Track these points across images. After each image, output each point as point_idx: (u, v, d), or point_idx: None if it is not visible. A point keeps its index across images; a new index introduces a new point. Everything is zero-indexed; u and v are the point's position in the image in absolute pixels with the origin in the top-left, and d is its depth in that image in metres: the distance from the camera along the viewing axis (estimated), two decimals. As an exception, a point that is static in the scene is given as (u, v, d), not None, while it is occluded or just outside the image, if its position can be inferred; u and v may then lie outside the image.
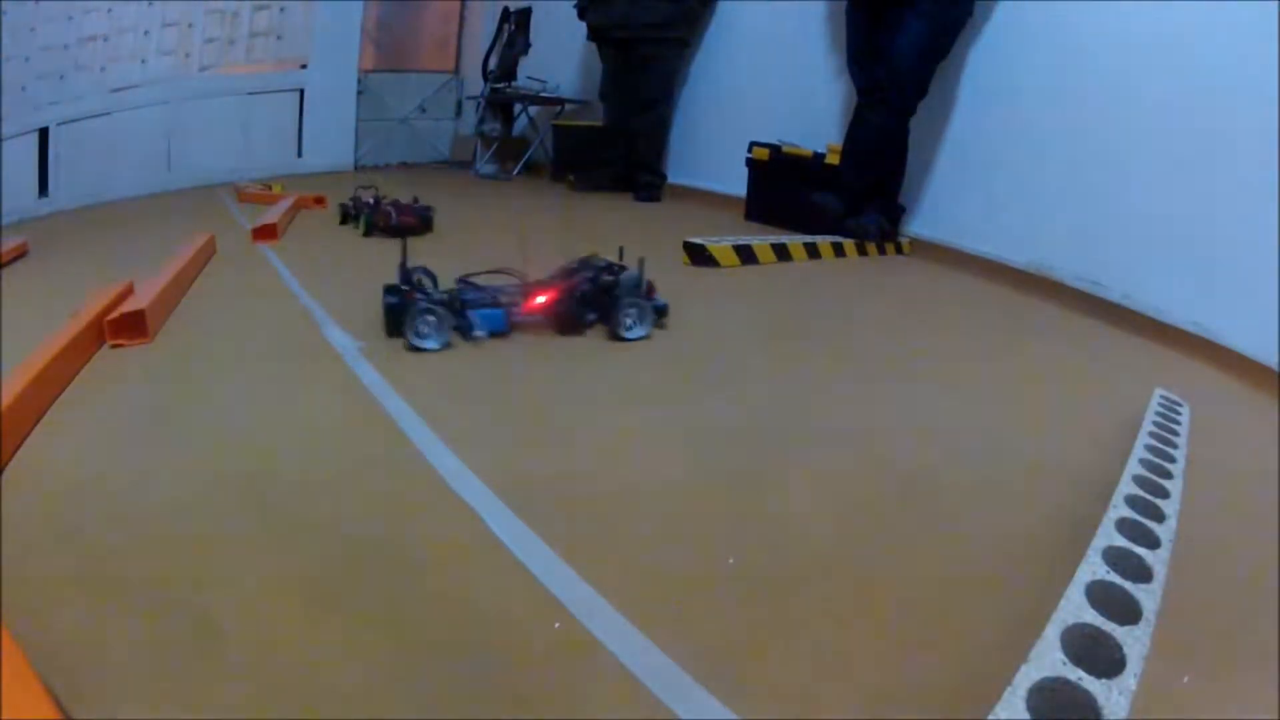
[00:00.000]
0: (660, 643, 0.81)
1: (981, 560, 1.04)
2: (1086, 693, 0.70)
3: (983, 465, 1.34)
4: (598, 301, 1.86)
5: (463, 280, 1.91)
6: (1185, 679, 0.81)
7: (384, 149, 5.45)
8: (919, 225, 3.23)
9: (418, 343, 1.68)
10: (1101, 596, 0.84)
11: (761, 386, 1.62)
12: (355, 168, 5.25)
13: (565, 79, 5.10)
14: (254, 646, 0.78)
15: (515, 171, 5.14)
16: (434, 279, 1.98)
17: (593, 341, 1.84)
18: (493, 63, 5.01)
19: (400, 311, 1.71)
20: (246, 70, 4.67)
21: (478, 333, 1.75)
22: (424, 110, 5.63)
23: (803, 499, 1.17)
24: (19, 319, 1.78)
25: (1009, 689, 0.70)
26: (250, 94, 4.68)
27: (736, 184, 3.80)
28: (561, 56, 5.09)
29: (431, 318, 1.70)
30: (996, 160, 2.89)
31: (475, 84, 5.33)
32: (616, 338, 1.83)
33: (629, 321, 1.83)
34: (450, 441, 1.25)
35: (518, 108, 5.20)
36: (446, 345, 1.70)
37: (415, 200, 3.15)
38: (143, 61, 4.24)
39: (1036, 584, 0.94)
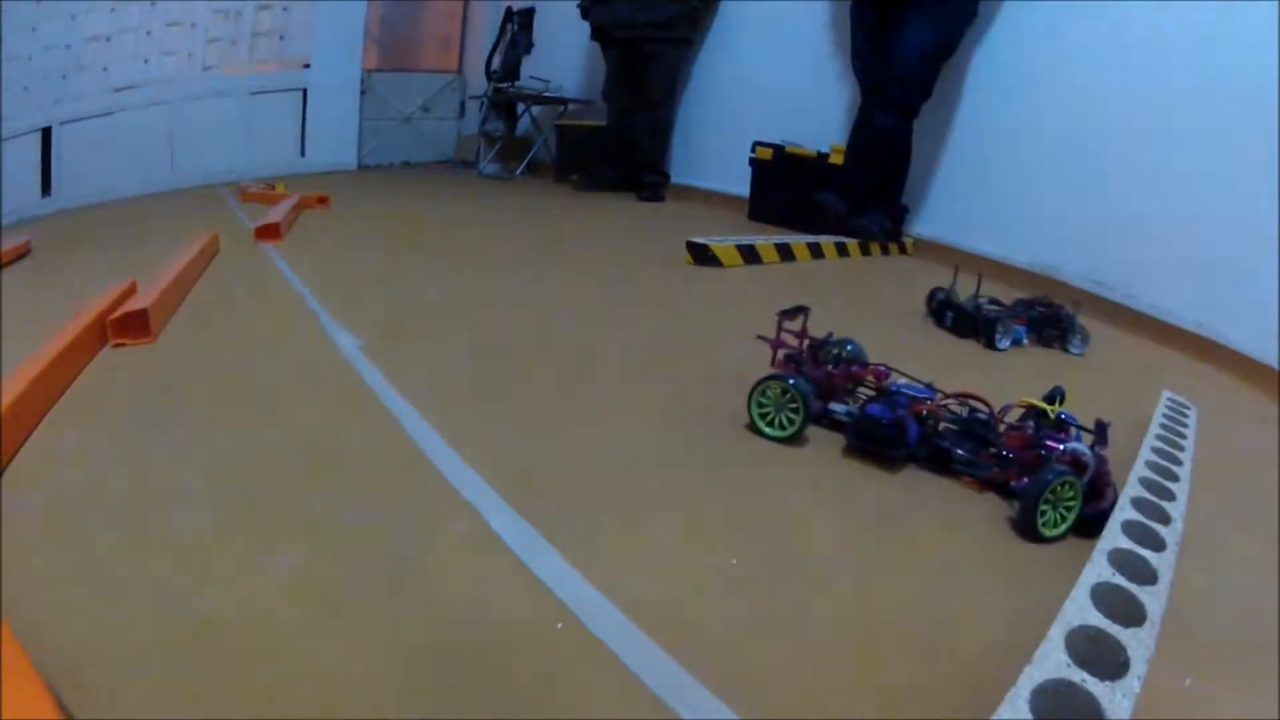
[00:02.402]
0: (662, 642, 0.81)
1: (985, 560, 1.04)
2: (1090, 695, 0.69)
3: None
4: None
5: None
6: (1189, 682, 0.81)
7: (387, 149, 5.45)
8: (922, 225, 3.22)
9: None
10: (1107, 598, 0.84)
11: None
12: (358, 167, 5.25)
13: (568, 79, 5.10)
14: (254, 645, 0.78)
15: (518, 171, 5.14)
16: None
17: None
18: (496, 62, 5.01)
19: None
20: (249, 70, 4.68)
21: None
22: (427, 110, 5.63)
23: (801, 502, 1.17)
24: (21, 319, 1.78)
25: (1012, 690, 0.69)
26: (253, 94, 4.68)
27: (740, 184, 3.80)
28: (564, 56, 5.08)
29: None
30: (1000, 160, 2.89)
31: (478, 84, 5.32)
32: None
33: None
34: (451, 439, 1.25)
35: (521, 107, 5.19)
36: None
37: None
38: (145, 61, 4.24)
39: (1042, 585, 0.94)
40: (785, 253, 2.87)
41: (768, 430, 1.36)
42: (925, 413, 1.31)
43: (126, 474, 1.13)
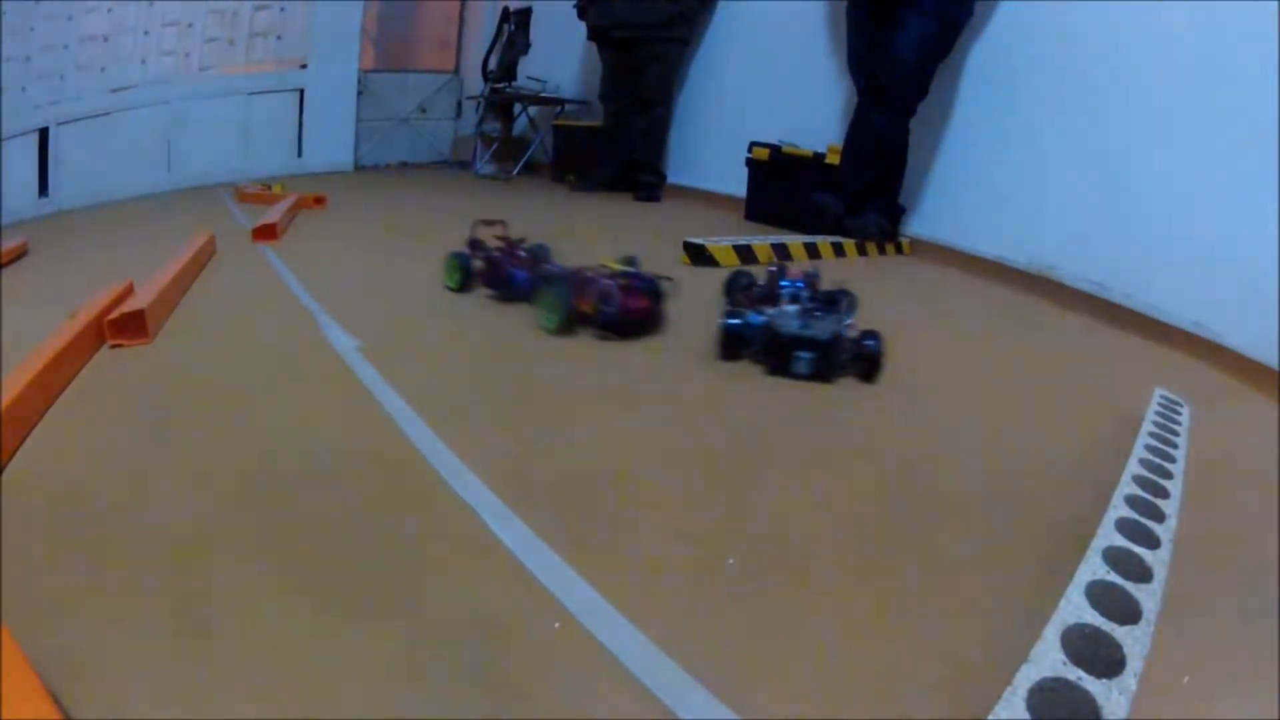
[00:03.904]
0: (660, 641, 0.81)
1: (981, 559, 1.04)
2: (1086, 693, 0.70)
3: (982, 464, 1.34)
4: None
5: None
6: (1185, 679, 0.81)
7: (384, 149, 5.45)
8: (919, 225, 3.23)
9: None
10: (1102, 596, 0.84)
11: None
12: (355, 167, 5.25)
13: (565, 79, 5.10)
14: (254, 646, 0.78)
15: (515, 171, 5.14)
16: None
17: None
18: (493, 63, 5.01)
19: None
20: (247, 70, 4.68)
21: None
22: (424, 110, 5.64)
23: (796, 494, 1.17)
24: (19, 319, 1.78)
25: (1009, 689, 0.70)
26: (250, 94, 4.68)
27: (736, 184, 3.80)
28: (561, 56, 5.09)
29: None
30: (997, 160, 2.89)
31: (475, 84, 5.33)
32: None
33: None
34: (448, 439, 1.25)
35: (518, 108, 5.20)
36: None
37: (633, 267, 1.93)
38: (143, 61, 4.24)
39: (1036, 584, 0.94)
40: (782, 253, 2.87)
41: (447, 282, 2.16)
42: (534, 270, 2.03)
43: (124, 474, 1.13)
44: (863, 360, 1.58)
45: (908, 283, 2.75)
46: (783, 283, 1.81)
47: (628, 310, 1.78)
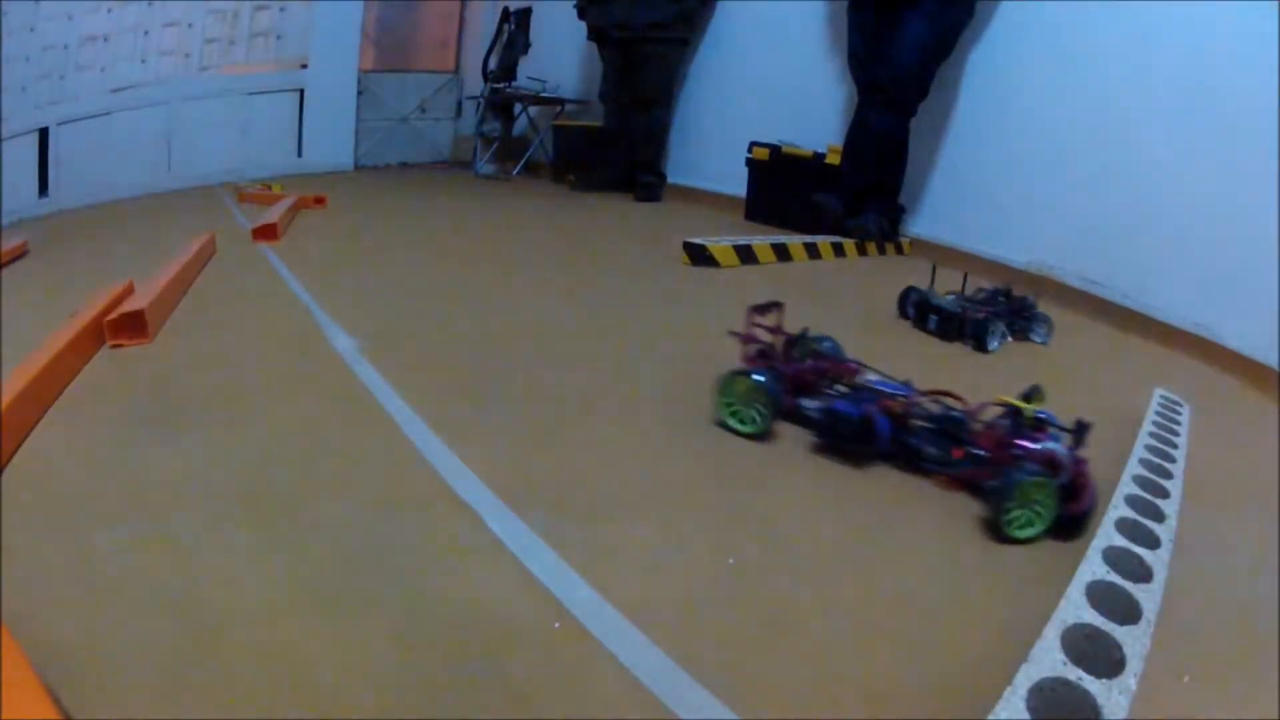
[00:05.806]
0: (659, 641, 0.81)
1: (981, 559, 1.04)
2: (1086, 693, 0.70)
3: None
4: None
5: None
6: (1185, 679, 0.81)
7: (384, 149, 5.44)
8: (919, 225, 3.23)
9: None
10: (1102, 596, 0.84)
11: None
12: (355, 167, 5.25)
13: (565, 79, 5.10)
14: (254, 647, 0.78)
15: (515, 172, 5.13)
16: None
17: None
18: (493, 63, 5.01)
19: None
20: (247, 70, 4.67)
21: None
22: (424, 110, 5.63)
23: (789, 496, 1.17)
24: (19, 319, 1.78)
25: (1009, 689, 0.70)
26: (250, 94, 4.68)
27: (737, 184, 3.80)
28: (561, 56, 5.08)
29: None
30: (997, 160, 2.89)
31: (475, 84, 5.33)
32: None
33: None
34: (449, 440, 1.25)
35: (518, 108, 5.19)
36: None
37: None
38: (143, 61, 4.24)
39: (1036, 584, 0.94)
40: (782, 253, 2.87)
41: (734, 425, 1.34)
42: (897, 410, 1.28)
43: (124, 474, 1.13)
44: (977, 336, 1.97)
45: (906, 283, 2.74)
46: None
47: (1081, 488, 1.10)
